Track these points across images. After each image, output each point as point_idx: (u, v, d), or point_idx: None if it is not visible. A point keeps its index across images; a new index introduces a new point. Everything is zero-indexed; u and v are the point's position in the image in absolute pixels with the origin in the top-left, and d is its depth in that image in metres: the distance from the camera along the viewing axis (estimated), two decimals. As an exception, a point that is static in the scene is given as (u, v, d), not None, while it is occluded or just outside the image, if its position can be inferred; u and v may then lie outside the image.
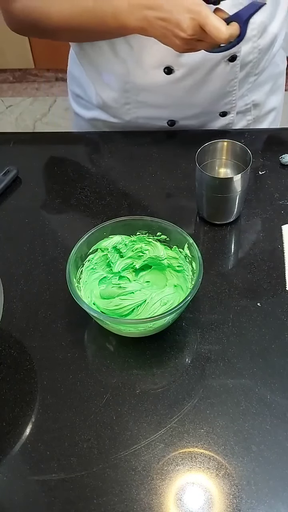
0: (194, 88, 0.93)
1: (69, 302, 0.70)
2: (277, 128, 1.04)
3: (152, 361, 0.68)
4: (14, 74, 2.75)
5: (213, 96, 0.95)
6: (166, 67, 0.89)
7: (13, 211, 0.89)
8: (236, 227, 0.83)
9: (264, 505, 0.56)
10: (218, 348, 0.69)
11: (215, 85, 0.93)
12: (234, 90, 0.95)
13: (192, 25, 0.72)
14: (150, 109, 0.98)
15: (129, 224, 0.74)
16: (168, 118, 0.99)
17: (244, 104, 1.00)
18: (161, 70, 0.90)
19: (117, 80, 0.94)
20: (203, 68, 0.90)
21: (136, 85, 0.94)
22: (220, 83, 0.93)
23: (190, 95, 0.94)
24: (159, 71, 0.90)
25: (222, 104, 0.97)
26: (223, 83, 0.93)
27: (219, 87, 0.94)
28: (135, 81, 0.93)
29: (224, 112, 0.99)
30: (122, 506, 0.57)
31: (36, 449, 0.61)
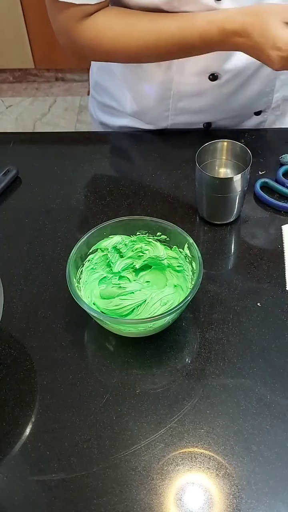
0: (236, 92, 0.93)
1: (69, 302, 0.70)
2: (277, 128, 1.04)
3: (152, 361, 0.68)
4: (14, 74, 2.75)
5: (253, 97, 0.95)
6: (211, 73, 0.88)
7: (13, 211, 0.89)
8: (236, 227, 0.83)
9: (264, 505, 0.56)
10: (218, 348, 0.69)
11: (257, 86, 0.93)
12: (272, 89, 0.95)
13: (282, 64, 0.72)
14: (190, 114, 0.97)
15: (129, 224, 0.74)
16: (205, 121, 0.99)
17: (276, 100, 1.00)
18: (206, 76, 0.89)
19: (159, 89, 0.93)
20: (247, 71, 0.89)
21: (178, 92, 0.93)
22: (261, 84, 0.93)
23: (231, 98, 0.94)
24: (204, 78, 0.89)
25: (260, 103, 0.97)
26: (264, 83, 0.93)
27: (259, 88, 0.94)
28: (178, 89, 0.92)
29: (260, 111, 0.99)
30: (122, 506, 0.57)
31: (36, 449, 0.61)
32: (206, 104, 0.95)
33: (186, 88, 0.92)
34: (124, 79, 0.97)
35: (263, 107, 0.99)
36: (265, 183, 0.88)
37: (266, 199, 0.85)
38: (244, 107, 0.97)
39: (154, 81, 0.93)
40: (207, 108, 0.96)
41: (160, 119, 0.99)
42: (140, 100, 0.98)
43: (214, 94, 0.93)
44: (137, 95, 0.98)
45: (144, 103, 0.98)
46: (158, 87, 0.93)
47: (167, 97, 0.95)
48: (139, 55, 0.83)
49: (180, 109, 0.96)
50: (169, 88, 0.93)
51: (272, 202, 0.85)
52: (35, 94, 2.72)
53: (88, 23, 0.81)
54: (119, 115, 1.04)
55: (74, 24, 0.81)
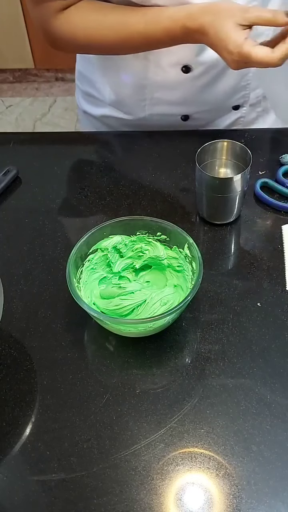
0: (211, 85, 0.93)
1: (69, 302, 0.70)
2: (277, 128, 1.04)
3: (152, 361, 0.68)
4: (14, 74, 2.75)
5: (228, 91, 0.96)
6: (184, 65, 0.90)
7: (13, 211, 0.89)
8: (236, 227, 0.83)
9: (264, 505, 0.56)
10: (218, 348, 0.69)
11: (231, 80, 0.94)
12: (248, 84, 0.96)
13: (236, 65, 0.74)
14: (166, 105, 0.98)
15: (129, 224, 0.74)
16: (182, 113, 1.00)
17: (256, 96, 1.00)
18: (179, 68, 0.90)
19: (135, 78, 0.94)
20: (220, 65, 0.90)
21: (153, 83, 0.94)
22: (235, 78, 0.94)
23: (206, 91, 0.95)
24: (178, 70, 0.90)
25: (236, 98, 0.98)
26: (238, 78, 0.94)
27: (234, 82, 0.94)
28: (153, 79, 0.93)
29: (237, 105, 0.99)
30: (122, 506, 0.57)
31: (36, 449, 0.61)
32: (181, 96, 0.96)
33: (161, 79, 0.93)
34: (102, 68, 0.98)
35: (240, 102, 0.99)
36: (265, 183, 0.88)
37: (266, 199, 0.85)
38: (219, 100, 0.97)
39: (130, 70, 0.94)
40: (182, 100, 0.97)
41: (137, 109, 1.00)
42: (118, 89, 0.99)
43: (187, 87, 0.93)
44: (115, 84, 0.99)
45: (121, 92, 0.99)
46: (134, 76, 0.94)
47: (143, 86, 0.95)
48: (111, 48, 0.87)
49: (156, 99, 0.97)
50: (145, 77, 0.94)
51: (272, 202, 0.85)
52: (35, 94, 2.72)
53: (63, 17, 0.84)
54: (99, 104, 1.05)
55: (49, 18, 0.85)
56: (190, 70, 0.90)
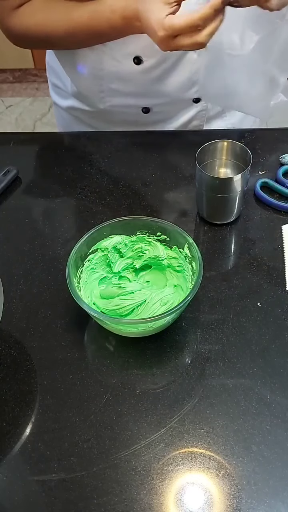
0: (163, 77, 0.93)
1: (69, 302, 0.70)
2: (277, 128, 1.04)
3: (152, 361, 0.68)
4: (14, 74, 2.75)
5: (182, 84, 0.95)
6: (135, 57, 0.90)
7: (13, 211, 0.89)
8: (236, 227, 0.83)
9: (264, 505, 0.56)
10: (218, 348, 0.69)
11: (184, 74, 0.93)
12: None
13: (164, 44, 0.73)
14: (123, 97, 0.98)
15: (129, 224, 0.74)
16: (142, 106, 1.00)
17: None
18: (131, 59, 0.91)
19: (91, 68, 0.95)
20: (172, 58, 0.90)
21: (109, 73, 0.94)
22: (188, 71, 0.93)
23: (160, 84, 0.95)
24: (129, 61, 0.91)
25: (193, 91, 0.97)
26: (191, 70, 0.93)
27: (187, 76, 0.94)
28: (108, 69, 0.94)
29: (198, 98, 0.99)
30: (122, 506, 0.57)
31: (36, 449, 0.61)
32: (137, 87, 0.96)
33: (116, 70, 0.93)
34: (62, 59, 0.99)
35: (198, 95, 0.99)
36: (265, 183, 0.88)
37: (266, 199, 0.85)
38: (175, 93, 0.97)
39: (87, 61, 0.94)
40: (139, 91, 0.97)
41: (96, 100, 1.00)
42: (76, 80, 0.99)
43: (142, 78, 0.93)
44: (73, 75, 0.99)
45: (80, 84, 0.99)
46: (91, 67, 0.95)
47: (99, 77, 0.96)
48: (62, 43, 0.89)
49: (113, 91, 0.97)
50: (101, 68, 0.94)
51: (272, 202, 0.85)
52: (35, 94, 2.72)
53: (17, 15, 0.86)
54: (65, 95, 1.07)
55: (5, 17, 0.88)
56: (142, 62, 0.91)
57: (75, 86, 1.01)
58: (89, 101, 1.02)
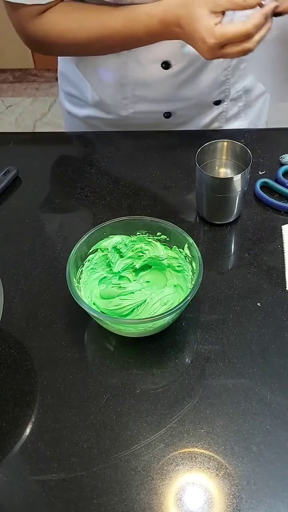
0: (191, 80, 0.93)
1: (69, 302, 0.70)
2: (277, 128, 1.04)
3: (152, 361, 0.68)
4: (14, 74, 2.75)
5: (208, 86, 0.96)
6: (163, 61, 0.90)
7: (13, 211, 0.89)
8: (236, 227, 0.83)
9: (264, 505, 0.56)
10: (218, 348, 0.69)
11: (211, 75, 0.94)
12: (228, 78, 0.96)
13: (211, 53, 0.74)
14: (147, 103, 0.98)
15: (129, 224, 0.74)
16: (164, 111, 1.00)
17: (236, 91, 1.01)
18: (159, 64, 0.90)
19: (115, 76, 0.94)
20: (200, 60, 0.90)
21: (133, 80, 0.94)
22: (215, 73, 0.94)
23: (186, 88, 0.95)
24: (157, 66, 0.90)
25: (217, 93, 0.98)
26: (218, 72, 0.94)
27: (214, 77, 0.94)
28: (132, 76, 0.93)
29: (218, 100, 1.00)
30: (122, 506, 0.57)
31: (36, 449, 0.61)
32: (162, 92, 0.96)
33: (141, 76, 0.93)
34: (82, 68, 0.98)
35: (221, 96, 0.99)
36: (265, 183, 0.88)
37: (266, 199, 0.85)
38: (200, 96, 0.97)
39: (110, 69, 0.94)
40: (163, 96, 0.97)
41: (119, 108, 1.00)
42: (98, 88, 0.99)
43: (167, 83, 0.93)
44: (95, 83, 0.99)
45: (103, 92, 0.99)
46: (114, 74, 0.94)
47: (123, 84, 0.95)
48: (90, 50, 0.88)
49: (137, 97, 0.97)
50: (125, 75, 0.94)
51: (272, 202, 0.85)
52: (35, 94, 2.72)
53: (39, 22, 0.85)
54: (83, 105, 1.06)
55: (26, 23, 0.86)
56: (170, 66, 0.90)
57: (96, 94, 1.00)
58: (110, 109, 1.01)
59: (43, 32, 0.86)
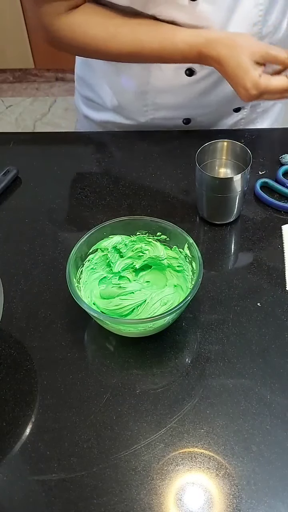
0: (213, 87, 0.93)
1: (69, 302, 0.70)
2: (277, 128, 1.04)
3: (152, 361, 0.68)
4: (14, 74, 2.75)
5: (230, 93, 0.95)
6: (187, 68, 0.89)
7: (13, 211, 0.89)
8: (236, 227, 0.83)
9: (264, 505, 0.56)
10: (218, 348, 0.69)
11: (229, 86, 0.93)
12: None
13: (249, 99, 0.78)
14: (168, 109, 0.98)
15: (129, 224, 0.74)
16: (184, 117, 1.00)
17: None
18: (183, 71, 0.90)
19: (137, 83, 0.94)
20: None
21: (155, 87, 0.94)
22: None
23: (208, 94, 0.95)
24: (181, 73, 0.90)
25: (238, 100, 0.97)
26: None
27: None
28: (155, 83, 0.93)
29: (238, 108, 1.00)
30: (122, 506, 0.57)
31: (36, 449, 0.61)
32: (183, 99, 0.96)
33: (164, 83, 0.93)
34: (103, 73, 0.98)
35: (242, 103, 0.99)
36: (265, 183, 0.88)
37: (266, 199, 0.85)
38: (221, 103, 0.97)
39: (132, 75, 0.93)
40: (185, 103, 0.97)
41: (139, 114, 1.00)
42: (119, 94, 0.99)
43: (190, 89, 0.93)
44: (116, 89, 0.98)
45: (123, 98, 0.99)
46: (136, 81, 0.94)
47: (145, 91, 0.95)
48: (118, 58, 0.87)
49: (159, 104, 0.97)
50: (147, 82, 0.93)
51: (272, 202, 0.85)
52: (35, 94, 2.72)
53: (66, 20, 0.84)
54: (100, 109, 1.05)
55: (51, 20, 0.84)
56: (194, 73, 0.90)
57: (116, 100, 1.00)
58: (130, 115, 1.01)
59: (69, 31, 0.84)
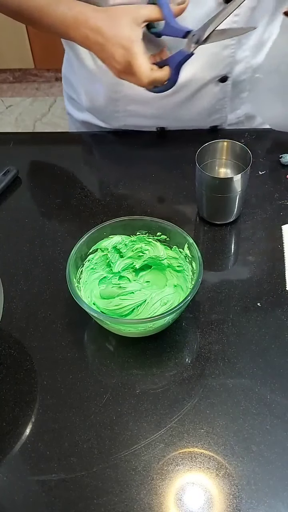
0: (183, 104, 0.93)
1: (69, 302, 0.70)
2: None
3: (152, 361, 0.68)
4: (14, 74, 2.75)
5: (202, 112, 0.95)
6: None
7: (13, 211, 0.89)
8: (236, 227, 0.83)
9: (264, 505, 0.56)
10: (218, 348, 0.69)
11: (204, 103, 0.93)
12: (224, 107, 0.96)
13: (123, 61, 0.75)
14: (140, 118, 0.98)
15: (129, 224, 0.74)
16: (158, 125, 1.00)
17: (236, 117, 1.00)
18: None
19: (109, 90, 0.94)
20: (191, 87, 0.90)
21: (127, 96, 0.93)
22: (209, 102, 0.93)
23: (178, 110, 0.94)
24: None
25: (211, 119, 0.98)
26: (212, 101, 0.93)
27: (208, 105, 0.94)
28: (126, 92, 0.93)
29: (215, 126, 0.99)
30: (122, 506, 0.57)
31: (36, 449, 0.61)
32: (153, 111, 0.95)
33: (134, 93, 0.92)
34: (79, 74, 0.98)
35: (217, 122, 0.99)
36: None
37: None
38: (194, 120, 0.97)
39: (104, 81, 0.93)
40: (158, 114, 0.96)
41: (111, 119, 1.00)
42: (92, 97, 0.99)
43: (160, 104, 0.93)
44: (89, 92, 0.98)
45: (96, 101, 0.98)
46: (107, 87, 0.94)
47: (116, 99, 0.95)
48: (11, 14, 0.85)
49: (130, 111, 0.97)
50: (118, 90, 0.93)
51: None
52: (35, 94, 2.72)
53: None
54: (80, 108, 1.06)
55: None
56: None
57: (89, 102, 1.00)
58: (103, 117, 1.01)
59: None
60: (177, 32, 0.76)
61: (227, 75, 0.90)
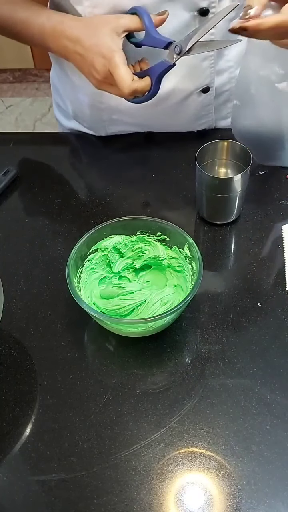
0: (167, 113, 0.93)
1: (69, 302, 0.70)
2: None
3: (152, 361, 0.68)
4: (14, 74, 2.75)
5: (187, 119, 0.95)
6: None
7: (13, 211, 0.89)
8: (236, 227, 0.83)
9: (264, 505, 0.56)
10: (218, 348, 0.69)
11: (189, 111, 0.93)
12: (210, 113, 0.96)
13: (103, 71, 0.74)
14: (126, 125, 0.98)
15: (129, 224, 0.74)
16: (145, 130, 1.00)
17: (227, 124, 0.99)
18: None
19: (92, 100, 0.94)
20: (173, 98, 0.90)
21: (110, 106, 0.93)
22: (193, 110, 0.93)
23: (164, 118, 0.94)
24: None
25: (198, 124, 0.98)
26: (197, 108, 0.93)
27: (193, 113, 0.94)
28: (109, 102, 0.92)
29: (204, 128, 0.99)
30: (122, 506, 0.57)
31: (36, 449, 0.61)
32: (138, 120, 0.95)
33: (115, 103, 0.91)
34: (64, 83, 0.98)
35: (205, 126, 0.99)
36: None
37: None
38: (180, 126, 0.97)
39: (87, 92, 0.92)
40: (142, 123, 0.96)
41: (97, 127, 1.00)
42: (76, 107, 0.99)
43: (143, 113, 0.92)
44: (74, 102, 0.98)
45: (80, 111, 0.98)
46: (91, 97, 0.93)
47: (100, 108, 0.94)
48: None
49: (116, 120, 0.96)
50: (102, 101, 0.93)
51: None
52: (35, 94, 2.72)
53: None
54: (67, 116, 1.05)
55: None
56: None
57: (74, 111, 1.00)
58: (90, 126, 1.01)
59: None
60: (158, 43, 0.75)
61: (209, 86, 0.90)
